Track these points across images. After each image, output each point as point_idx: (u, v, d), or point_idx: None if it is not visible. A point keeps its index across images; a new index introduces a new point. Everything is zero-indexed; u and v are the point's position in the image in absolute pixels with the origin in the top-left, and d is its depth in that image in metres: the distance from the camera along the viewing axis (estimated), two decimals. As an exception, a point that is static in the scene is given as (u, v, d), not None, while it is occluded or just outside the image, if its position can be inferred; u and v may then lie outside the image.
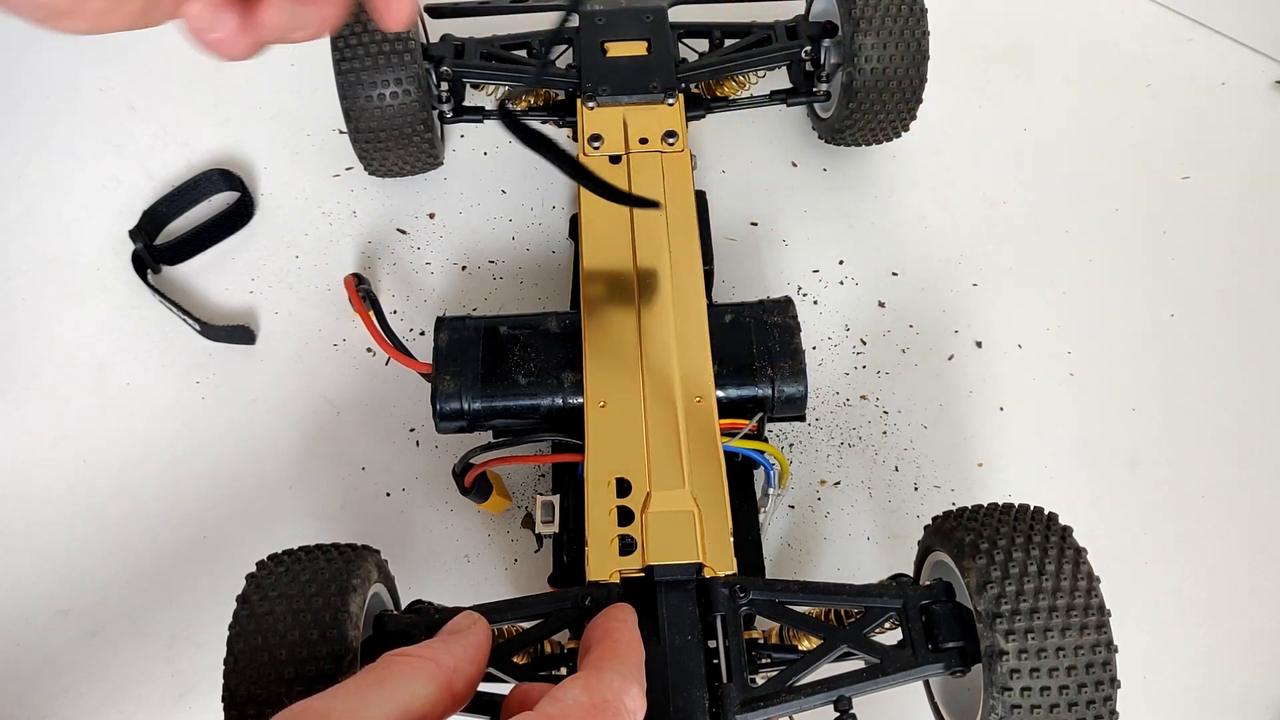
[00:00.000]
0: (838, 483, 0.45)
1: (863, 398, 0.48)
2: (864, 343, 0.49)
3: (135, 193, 0.53)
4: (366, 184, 0.53)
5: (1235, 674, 0.42)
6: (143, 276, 0.49)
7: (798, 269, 0.51)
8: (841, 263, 0.52)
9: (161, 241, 0.51)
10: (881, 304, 0.50)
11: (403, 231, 0.52)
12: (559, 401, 0.38)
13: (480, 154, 0.55)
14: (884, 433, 0.47)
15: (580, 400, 0.38)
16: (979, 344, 0.49)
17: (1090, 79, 0.60)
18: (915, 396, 0.48)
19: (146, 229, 0.50)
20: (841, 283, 0.51)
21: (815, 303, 0.50)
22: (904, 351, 0.49)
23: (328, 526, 0.44)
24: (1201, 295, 0.52)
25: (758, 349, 0.39)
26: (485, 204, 0.53)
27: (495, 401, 0.38)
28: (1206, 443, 0.47)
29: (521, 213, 0.52)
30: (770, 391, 0.38)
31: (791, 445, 0.46)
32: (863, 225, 0.53)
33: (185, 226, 0.51)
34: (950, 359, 0.49)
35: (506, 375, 0.38)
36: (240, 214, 0.51)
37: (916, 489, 0.45)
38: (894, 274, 0.51)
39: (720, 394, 0.38)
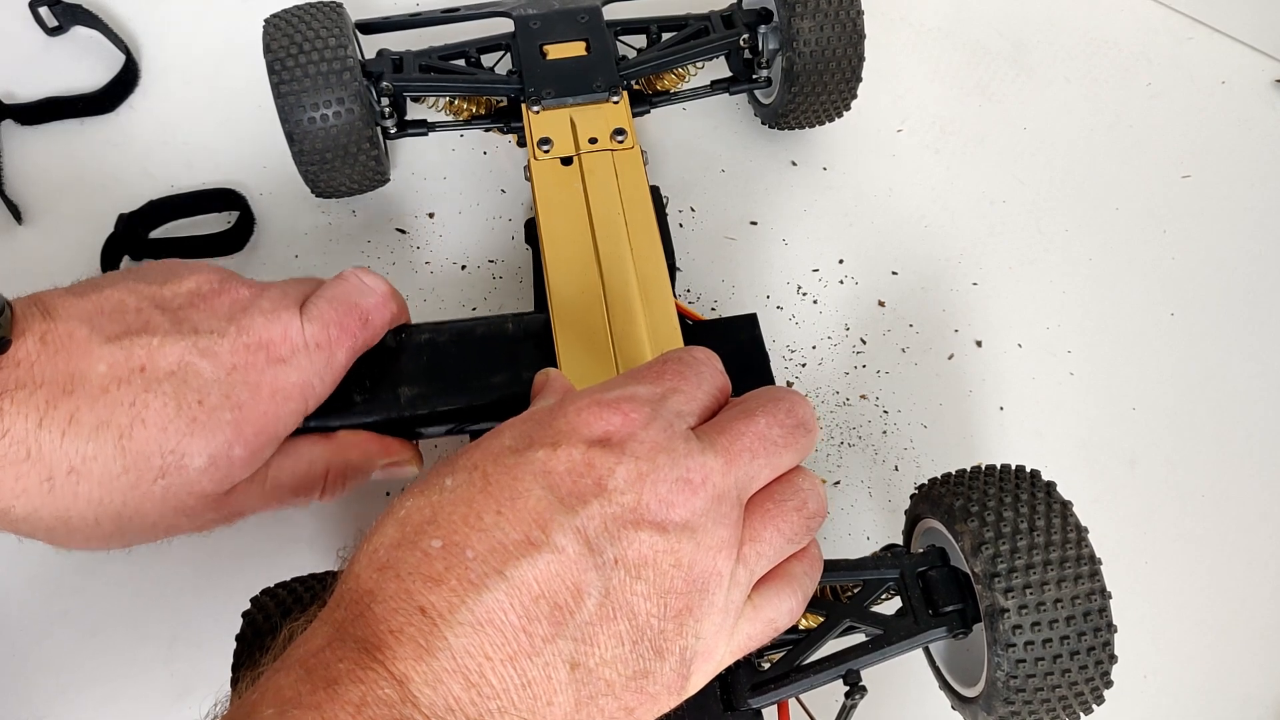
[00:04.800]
0: (837, 483, 0.45)
1: (863, 397, 0.47)
2: (864, 342, 0.49)
3: (134, 192, 0.53)
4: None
5: (1235, 674, 0.42)
6: (113, 265, 0.49)
7: (798, 268, 0.51)
8: (841, 262, 0.52)
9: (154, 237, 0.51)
10: (881, 303, 0.50)
11: (402, 231, 0.52)
12: (395, 416, 0.38)
13: (480, 154, 0.55)
14: (884, 432, 0.47)
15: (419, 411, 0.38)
16: (979, 343, 0.49)
17: (1090, 78, 0.60)
18: (915, 396, 0.48)
19: (147, 218, 0.50)
20: (841, 282, 0.51)
21: (815, 302, 0.50)
22: (904, 351, 0.49)
23: (326, 525, 0.44)
24: (1201, 295, 0.52)
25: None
26: (485, 204, 0.53)
27: (330, 421, 0.37)
28: (1206, 443, 0.47)
29: (521, 212, 0.52)
30: None
31: (791, 445, 0.46)
32: (863, 225, 0.53)
33: (178, 231, 0.51)
34: (950, 358, 0.49)
35: (344, 394, 0.38)
36: (235, 238, 0.51)
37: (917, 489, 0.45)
38: (894, 273, 0.51)
39: None
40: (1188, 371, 0.49)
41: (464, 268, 0.51)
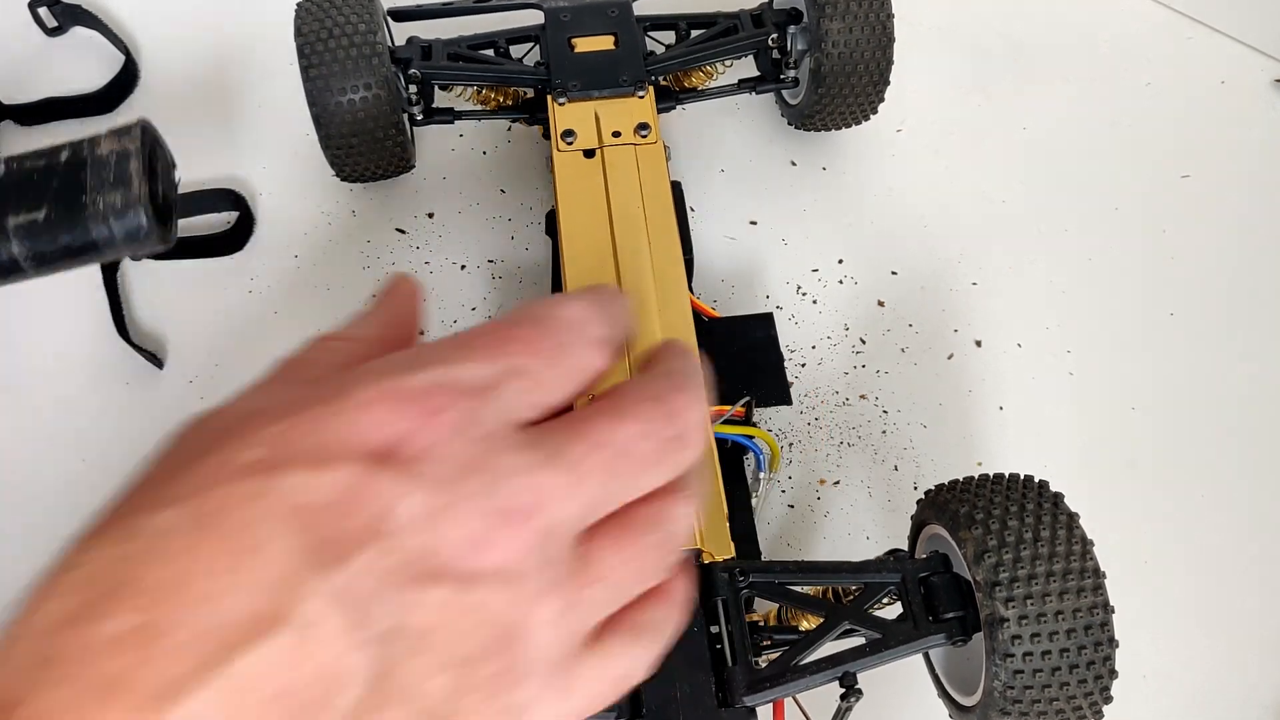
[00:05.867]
0: (837, 482, 0.45)
1: (862, 397, 0.47)
2: (863, 342, 0.49)
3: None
4: (366, 183, 0.53)
5: (1235, 674, 0.42)
6: (111, 271, 0.49)
7: (797, 268, 0.51)
8: (841, 262, 0.52)
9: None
10: (881, 303, 0.50)
11: (402, 231, 0.52)
12: None
13: (480, 153, 0.55)
14: (884, 432, 0.46)
15: None
16: (978, 343, 0.49)
17: (1090, 78, 0.60)
18: (915, 396, 0.48)
19: None
20: (841, 282, 0.51)
21: (815, 302, 0.50)
22: (903, 351, 0.49)
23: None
24: (1201, 295, 0.52)
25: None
26: (484, 204, 0.53)
27: None
28: (1206, 443, 0.47)
29: (520, 212, 0.52)
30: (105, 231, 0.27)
31: (791, 445, 0.46)
32: (863, 224, 0.53)
33: (178, 231, 0.51)
34: (950, 358, 0.49)
35: None
36: (235, 238, 0.51)
37: (916, 488, 0.45)
38: (893, 273, 0.51)
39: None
40: (1188, 371, 0.49)
41: (463, 268, 0.51)
